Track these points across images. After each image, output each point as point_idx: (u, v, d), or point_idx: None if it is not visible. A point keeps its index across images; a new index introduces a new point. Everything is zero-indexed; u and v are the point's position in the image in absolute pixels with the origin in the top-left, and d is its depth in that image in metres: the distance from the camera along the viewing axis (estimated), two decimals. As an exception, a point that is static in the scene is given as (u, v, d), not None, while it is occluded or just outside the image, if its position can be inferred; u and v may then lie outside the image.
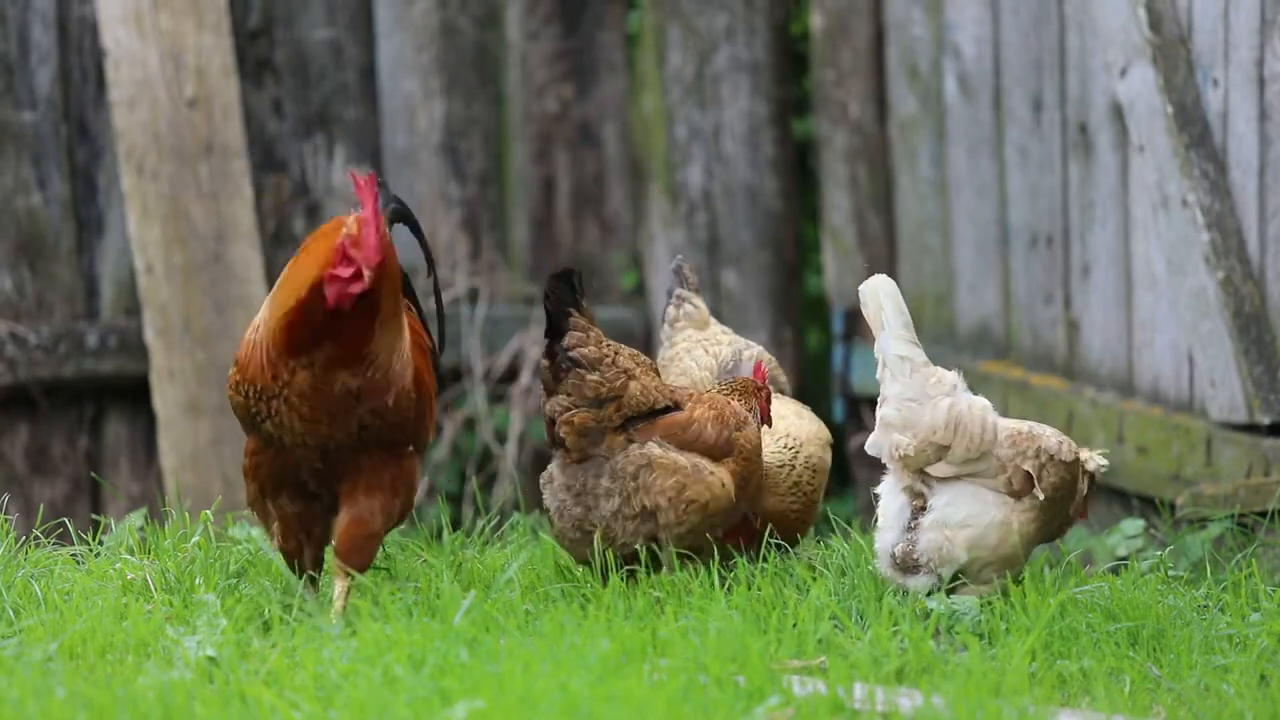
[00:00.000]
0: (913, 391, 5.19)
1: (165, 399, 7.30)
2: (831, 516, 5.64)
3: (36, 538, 5.37)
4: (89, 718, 4.09)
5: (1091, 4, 6.59)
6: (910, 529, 5.18)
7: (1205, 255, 6.21)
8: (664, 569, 5.13)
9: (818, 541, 5.69)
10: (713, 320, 5.88)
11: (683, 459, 5.17)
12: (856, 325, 7.83)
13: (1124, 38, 6.42)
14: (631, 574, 5.17)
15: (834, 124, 7.81)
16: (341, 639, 4.69)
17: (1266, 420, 6.15)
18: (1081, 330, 6.91)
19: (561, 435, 5.17)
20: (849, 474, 7.98)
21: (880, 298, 5.21)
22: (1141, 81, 6.38)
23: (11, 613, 4.86)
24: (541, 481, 5.26)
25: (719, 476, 5.19)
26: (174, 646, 4.64)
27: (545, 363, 5.20)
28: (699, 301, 5.87)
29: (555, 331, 5.16)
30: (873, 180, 7.76)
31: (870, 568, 5.27)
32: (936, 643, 4.80)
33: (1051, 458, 5.17)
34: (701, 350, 5.74)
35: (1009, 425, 5.21)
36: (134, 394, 7.38)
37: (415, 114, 7.83)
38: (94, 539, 5.40)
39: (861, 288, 5.24)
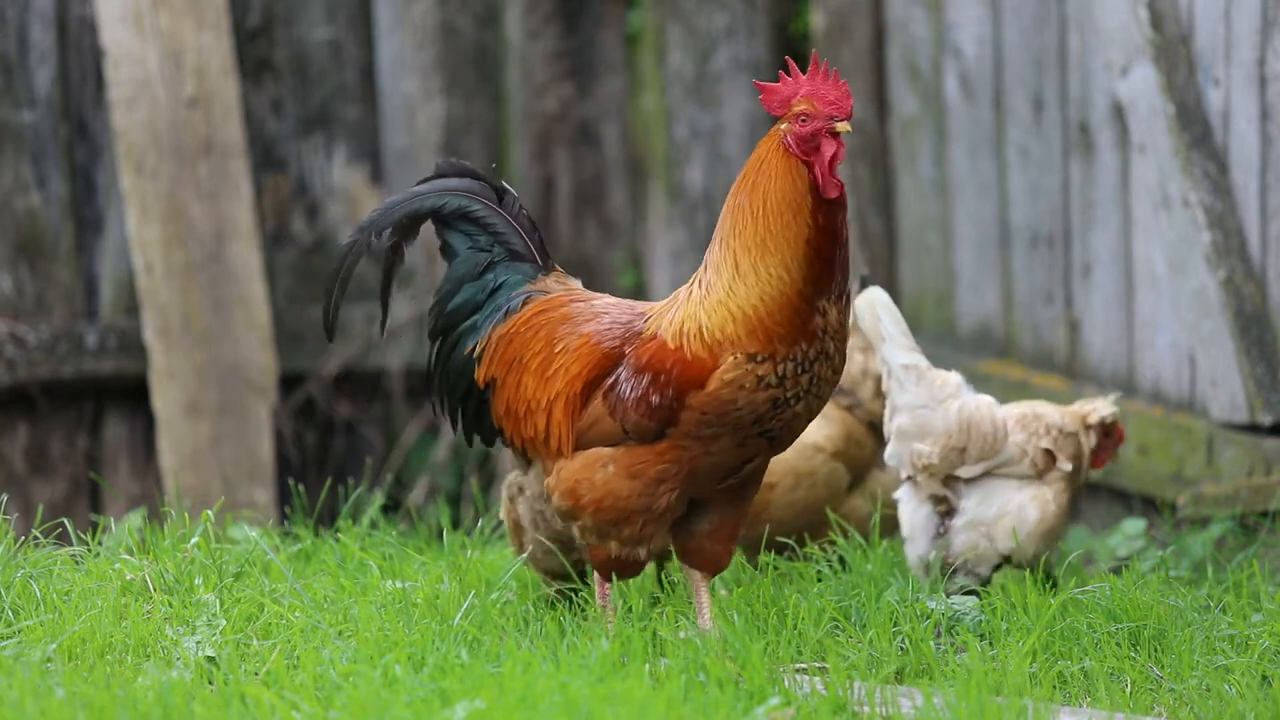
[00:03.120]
0: (923, 398, 5.25)
1: (165, 399, 7.29)
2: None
3: (35, 538, 5.36)
4: (88, 718, 4.08)
5: (1092, 3, 6.58)
6: (940, 535, 5.24)
7: (1206, 255, 6.21)
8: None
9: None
10: None
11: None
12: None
13: (1125, 37, 6.41)
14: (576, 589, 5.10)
15: (834, 124, 7.80)
16: (341, 639, 4.68)
17: (1268, 420, 6.15)
18: (1082, 330, 6.90)
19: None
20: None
21: (877, 309, 5.27)
22: (1142, 81, 6.37)
23: (10, 613, 4.85)
24: (506, 495, 5.06)
25: None
26: (173, 647, 4.64)
27: None
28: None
29: None
30: (873, 180, 7.75)
31: (868, 568, 5.28)
32: (937, 643, 4.80)
33: (1061, 430, 5.27)
34: None
35: (1011, 412, 5.30)
36: (133, 394, 7.37)
37: (415, 113, 7.82)
38: (93, 539, 5.39)
39: (856, 301, 5.30)
